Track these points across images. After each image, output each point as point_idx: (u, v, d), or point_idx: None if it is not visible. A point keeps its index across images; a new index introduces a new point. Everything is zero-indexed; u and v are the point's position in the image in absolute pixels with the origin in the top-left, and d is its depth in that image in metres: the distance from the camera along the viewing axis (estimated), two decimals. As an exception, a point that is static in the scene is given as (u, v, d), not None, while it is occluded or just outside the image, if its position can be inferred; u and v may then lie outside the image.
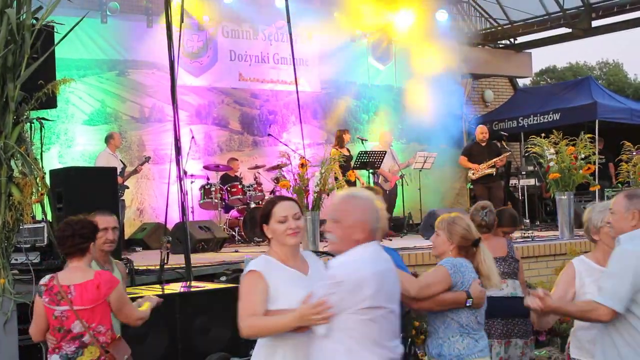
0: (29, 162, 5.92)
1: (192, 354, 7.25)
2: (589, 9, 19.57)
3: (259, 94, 17.63)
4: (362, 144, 15.72)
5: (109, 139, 14.05)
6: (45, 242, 7.68)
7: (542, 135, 12.48)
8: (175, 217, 12.97)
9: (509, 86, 22.90)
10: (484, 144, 15.60)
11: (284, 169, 13.89)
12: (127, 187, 14.26)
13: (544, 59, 70.60)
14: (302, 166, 11.30)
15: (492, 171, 15.21)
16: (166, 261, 8.80)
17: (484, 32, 21.94)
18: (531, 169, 18.03)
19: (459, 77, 20.06)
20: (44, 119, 6.30)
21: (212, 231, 12.47)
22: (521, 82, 26.13)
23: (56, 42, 6.60)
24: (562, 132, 12.32)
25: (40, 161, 6.27)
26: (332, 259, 4.25)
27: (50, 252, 7.63)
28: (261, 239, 13.88)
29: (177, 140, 9.04)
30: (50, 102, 6.41)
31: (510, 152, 16.24)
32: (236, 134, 17.26)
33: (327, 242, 4.36)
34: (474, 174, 15.34)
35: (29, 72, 5.98)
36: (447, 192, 18.91)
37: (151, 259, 9.90)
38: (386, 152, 15.00)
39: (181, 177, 9.14)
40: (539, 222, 17.76)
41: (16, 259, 7.09)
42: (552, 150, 12.19)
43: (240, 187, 14.61)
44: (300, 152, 13.24)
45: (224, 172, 15.23)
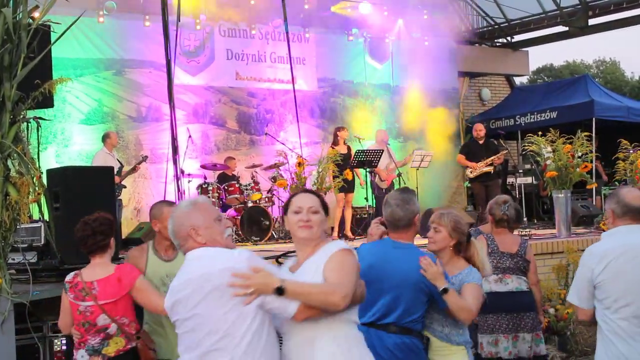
0: (26, 161, 5.91)
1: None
2: (585, 7, 19.57)
3: (256, 92, 17.62)
4: (359, 142, 15.72)
5: (106, 138, 14.05)
6: (42, 242, 7.67)
7: (539, 133, 12.48)
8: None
9: (506, 84, 22.93)
10: (482, 142, 15.61)
11: (281, 167, 13.90)
12: (124, 187, 14.25)
13: (540, 57, 70.74)
14: (299, 165, 11.31)
15: (490, 169, 15.22)
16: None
17: (481, 30, 21.95)
18: (528, 167, 18.06)
19: (456, 76, 20.07)
20: (41, 118, 6.28)
21: (210, 230, 12.44)
22: (518, 80, 26.17)
23: (53, 42, 6.58)
24: (559, 131, 12.31)
25: (37, 161, 6.24)
26: None
27: (47, 252, 7.62)
28: (258, 238, 13.88)
29: (174, 139, 9.05)
30: (47, 101, 6.39)
31: (507, 150, 16.25)
32: (233, 133, 17.26)
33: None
34: (471, 172, 15.35)
35: (25, 72, 5.97)
36: (444, 191, 18.91)
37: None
38: (383, 150, 15.00)
39: (178, 176, 9.14)
40: (536, 221, 17.78)
41: (13, 259, 7.09)
42: (549, 148, 12.19)
43: (237, 186, 14.59)
44: (297, 151, 13.26)
45: (221, 171, 15.23)
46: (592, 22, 20.09)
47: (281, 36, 16.81)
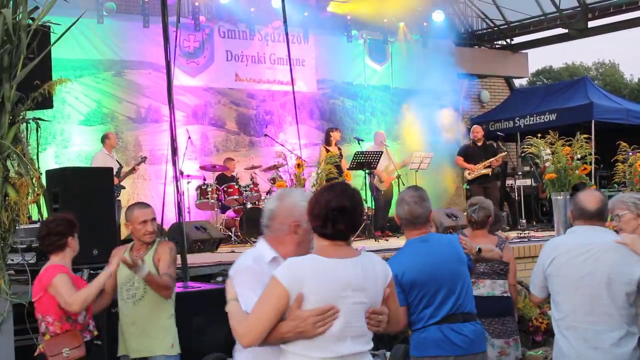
0: (25, 162, 5.91)
1: (188, 355, 7.23)
2: (585, 9, 19.59)
3: (256, 94, 17.64)
4: (359, 144, 15.73)
5: (105, 139, 14.07)
6: (40, 242, 7.67)
7: (538, 135, 12.48)
8: (171, 218, 12.95)
9: (505, 86, 22.91)
10: (480, 144, 15.63)
11: (280, 169, 13.90)
12: (124, 188, 14.26)
13: (540, 59, 70.61)
14: (299, 166, 11.30)
15: (488, 171, 15.24)
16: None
17: (480, 32, 21.97)
18: (527, 169, 18.05)
19: (456, 78, 20.08)
20: (40, 119, 6.27)
21: (209, 231, 12.46)
22: (517, 82, 26.18)
23: (52, 43, 6.58)
24: (558, 133, 12.32)
25: (36, 161, 6.24)
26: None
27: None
28: (257, 240, 13.87)
29: (174, 140, 9.03)
30: (46, 102, 6.39)
31: (506, 152, 16.25)
32: (232, 134, 17.27)
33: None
34: (470, 174, 15.36)
35: (25, 73, 5.96)
36: (443, 193, 18.90)
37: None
38: (382, 152, 15.00)
39: (177, 178, 9.12)
40: (535, 223, 17.78)
41: (12, 260, 7.08)
42: (548, 150, 12.18)
43: (236, 187, 14.59)
44: (296, 153, 13.26)
45: (220, 173, 15.23)
46: (591, 24, 20.11)
47: (281, 37, 16.83)
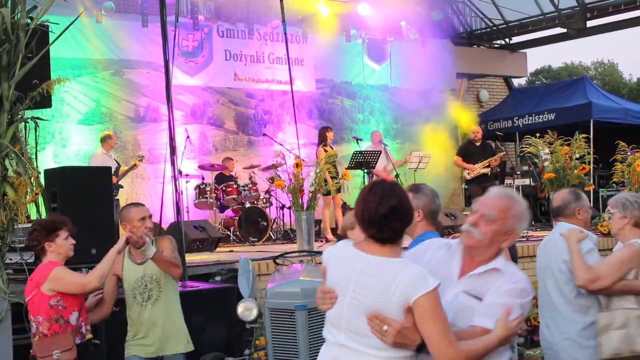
0: (24, 161, 5.91)
1: (186, 354, 7.24)
2: (584, 8, 19.59)
3: (254, 93, 17.63)
4: (357, 143, 15.73)
5: (106, 139, 14.07)
6: (39, 242, 7.67)
7: (537, 135, 12.50)
8: (170, 217, 12.95)
9: (504, 86, 22.92)
10: (478, 144, 15.63)
11: (279, 168, 13.88)
12: (122, 187, 14.26)
13: (539, 59, 70.63)
14: (297, 166, 11.29)
15: (487, 171, 15.23)
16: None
17: (479, 31, 21.96)
18: (526, 168, 18.05)
19: (454, 77, 20.08)
20: (39, 118, 6.28)
21: (207, 231, 12.46)
22: (516, 82, 26.17)
23: (51, 42, 6.58)
24: (557, 132, 12.34)
25: (34, 161, 6.25)
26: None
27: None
28: (256, 239, 13.88)
29: (172, 139, 9.04)
30: (44, 101, 6.40)
31: (504, 152, 16.26)
32: (231, 133, 17.26)
33: (461, 235, 3.88)
34: (469, 174, 15.36)
35: (23, 72, 5.96)
36: (442, 192, 18.75)
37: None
38: (380, 152, 15.00)
39: (176, 177, 9.12)
40: (534, 222, 17.77)
41: (10, 259, 7.08)
42: (547, 150, 12.21)
43: (235, 186, 14.59)
44: (295, 152, 13.25)
45: (219, 172, 15.22)
46: (590, 23, 20.11)
47: (279, 37, 16.82)
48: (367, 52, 19.44)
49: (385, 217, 3.60)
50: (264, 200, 14.78)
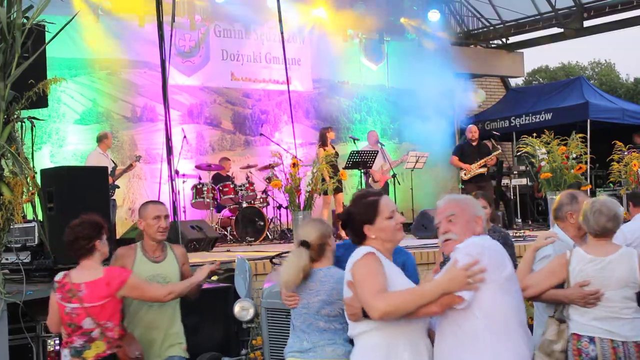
0: (20, 161, 5.90)
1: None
2: (580, 8, 19.60)
3: (251, 93, 17.64)
4: (354, 143, 15.72)
5: (102, 139, 14.03)
6: (36, 242, 7.66)
7: (534, 135, 12.49)
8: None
9: (501, 86, 22.94)
10: (475, 144, 15.63)
11: (276, 168, 13.87)
12: (118, 187, 14.23)
13: (536, 58, 70.75)
14: (294, 166, 11.27)
15: (484, 170, 15.24)
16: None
17: (476, 31, 21.97)
18: (523, 168, 18.09)
19: (451, 77, 20.07)
20: (35, 118, 6.27)
21: (204, 231, 12.45)
22: (513, 82, 26.17)
23: (47, 41, 6.57)
24: (553, 132, 12.34)
25: (31, 160, 6.24)
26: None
27: (40, 252, 7.62)
28: (253, 239, 13.87)
29: (169, 139, 9.04)
30: (41, 101, 6.38)
31: (500, 151, 16.23)
32: (228, 133, 17.26)
33: (445, 245, 4.22)
34: (466, 174, 15.35)
35: (19, 72, 5.95)
36: (439, 192, 18.82)
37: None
38: (377, 151, 15.00)
39: (173, 177, 9.12)
40: (531, 222, 17.80)
41: (7, 259, 7.06)
42: (544, 150, 12.20)
43: (232, 186, 14.59)
44: (292, 152, 13.24)
45: (215, 172, 15.22)
46: (587, 23, 20.13)
47: (276, 37, 16.81)
48: (364, 52, 19.44)
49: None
50: (261, 200, 14.78)
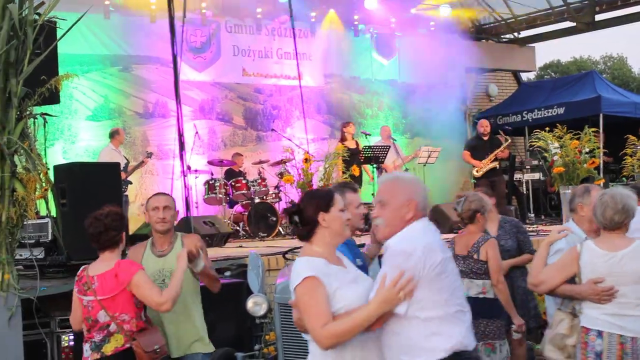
0: (33, 157, 5.92)
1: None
2: (592, 2, 19.52)
3: (263, 89, 17.64)
4: (366, 138, 15.72)
5: (115, 135, 14.07)
6: (49, 238, 7.67)
7: (547, 129, 12.46)
8: (179, 213, 12.95)
9: (513, 80, 22.86)
10: (486, 138, 15.56)
11: (288, 163, 13.89)
12: (130, 183, 14.27)
13: (547, 53, 70.54)
14: (306, 161, 11.29)
15: (496, 164, 15.15)
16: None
17: (487, 26, 21.90)
18: (536, 163, 18.01)
19: (463, 72, 20.03)
20: (47, 114, 6.28)
21: (217, 226, 12.45)
22: (525, 76, 26.12)
23: (58, 38, 6.58)
24: (566, 126, 12.30)
25: (44, 157, 6.25)
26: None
27: (54, 248, 7.63)
28: (265, 234, 13.88)
29: (181, 135, 9.05)
30: (53, 97, 6.40)
31: (510, 142, 16.10)
32: (240, 129, 17.27)
33: (375, 230, 4.27)
34: (477, 171, 15.27)
35: (31, 68, 5.97)
36: (451, 187, 18.83)
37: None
38: (390, 146, 14.98)
39: (185, 173, 9.13)
40: (543, 216, 17.75)
41: (20, 255, 7.09)
42: (557, 144, 12.17)
43: (244, 182, 14.58)
44: (304, 147, 13.26)
45: (228, 167, 15.23)
46: (599, 17, 20.03)
47: (288, 32, 16.80)
48: (375, 47, 19.42)
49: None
50: (273, 195, 14.77)
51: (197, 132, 15.46)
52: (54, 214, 7.48)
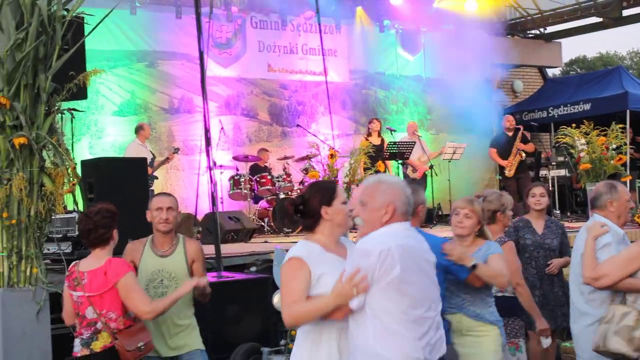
0: (61, 152, 5.95)
1: (222, 344, 7.27)
2: (620, -3, 19.41)
3: (288, 84, 17.66)
4: (391, 134, 15.70)
5: (139, 130, 14.12)
6: (77, 232, 7.73)
7: (573, 125, 12.41)
8: (205, 208, 13.01)
9: (539, 76, 22.75)
10: (511, 134, 15.51)
11: (313, 159, 13.89)
12: (157, 178, 14.32)
13: (573, 48, 70.08)
14: (332, 157, 11.29)
15: (521, 157, 15.05)
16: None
17: (513, 21, 21.80)
18: (562, 159, 17.92)
19: (488, 67, 19.95)
20: (75, 109, 6.31)
21: (242, 222, 12.49)
22: (551, 72, 25.96)
23: (86, 34, 6.61)
24: (592, 123, 12.24)
25: (71, 152, 6.28)
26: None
27: (81, 242, 7.67)
28: (290, 230, 13.89)
29: (207, 131, 9.05)
30: (80, 93, 6.42)
31: (527, 133, 15.96)
32: (265, 124, 17.30)
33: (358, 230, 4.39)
34: (509, 171, 15.16)
35: (60, 64, 6.00)
36: (476, 183, 18.79)
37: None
38: (415, 142, 14.96)
39: (211, 168, 9.15)
40: (569, 213, 17.65)
41: (48, 249, 7.15)
42: (583, 140, 12.12)
43: (269, 177, 14.60)
44: (329, 143, 13.25)
45: (253, 163, 15.25)
46: (626, 12, 19.89)
47: (313, 28, 16.81)
48: (400, 43, 19.39)
49: None
50: (298, 191, 14.77)
51: (222, 128, 15.49)
52: (81, 208, 7.52)
